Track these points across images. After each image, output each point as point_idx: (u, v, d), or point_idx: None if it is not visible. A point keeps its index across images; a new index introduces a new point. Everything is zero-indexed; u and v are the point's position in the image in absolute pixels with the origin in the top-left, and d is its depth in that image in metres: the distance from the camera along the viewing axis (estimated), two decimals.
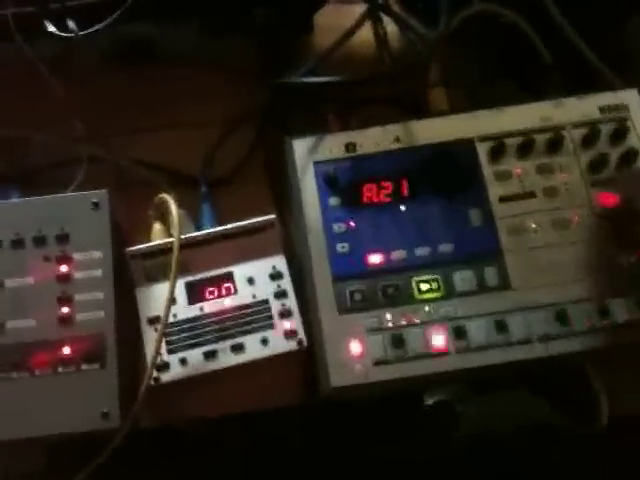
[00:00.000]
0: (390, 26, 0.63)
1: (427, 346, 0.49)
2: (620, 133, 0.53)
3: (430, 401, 0.53)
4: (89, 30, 0.53)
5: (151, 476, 0.56)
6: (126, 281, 0.52)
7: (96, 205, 0.51)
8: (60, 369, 0.48)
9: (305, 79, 0.54)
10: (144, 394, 0.48)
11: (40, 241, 0.50)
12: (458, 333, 0.50)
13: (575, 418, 0.53)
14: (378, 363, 0.49)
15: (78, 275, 0.50)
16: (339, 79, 0.53)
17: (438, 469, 0.58)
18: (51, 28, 0.54)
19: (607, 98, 0.55)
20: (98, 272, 0.50)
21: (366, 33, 0.60)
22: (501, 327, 0.50)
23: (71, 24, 0.54)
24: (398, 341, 0.49)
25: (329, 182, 0.53)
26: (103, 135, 0.58)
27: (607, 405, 0.53)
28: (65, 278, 0.49)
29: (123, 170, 0.57)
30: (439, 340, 0.50)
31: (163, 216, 0.55)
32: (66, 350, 0.48)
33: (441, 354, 0.49)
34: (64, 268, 0.50)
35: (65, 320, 0.49)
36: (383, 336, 0.50)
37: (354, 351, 0.49)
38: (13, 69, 0.57)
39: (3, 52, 0.58)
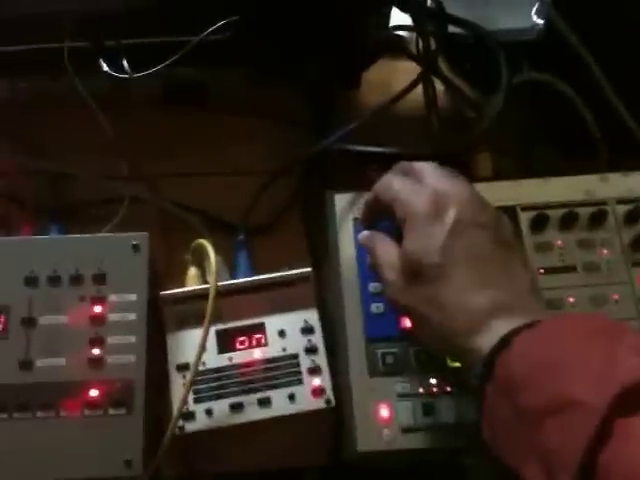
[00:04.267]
0: (437, 85, 0.63)
1: (458, 416, 0.48)
2: None
3: None
4: (144, 72, 0.53)
5: None
6: (158, 325, 0.52)
7: (136, 247, 0.51)
8: (87, 412, 0.47)
9: (351, 147, 0.54)
10: (168, 443, 0.47)
11: (77, 280, 0.50)
12: None
13: None
14: (406, 430, 0.48)
15: (112, 317, 0.49)
16: (386, 151, 0.53)
17: None
18: (105, 67, 0.54)
19: None
20: (132, 316, 0.49)
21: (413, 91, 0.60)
22: None
23: (125, 64, 0.54)
24: (428, 409, 0.48)
25: None
26: (147, 176, 0.58)
27: None
28: (99, 319, 0.49)
29: (163, 212, 0.57)
30: (472, 410, 0.48)
31: (199, 261, 0.55)
32: (94, 393, 0.47)
33: (472, 425, 0.48)
34: (98, 309, 0.49)
35: (95, 362, 0.48)
36: (413, 403, 0.49)
37: (382, 416, 0.48)
38: (64, 103, 0.58)
39: (56, 86, 0.59)
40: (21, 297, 0.49)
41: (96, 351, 0.48)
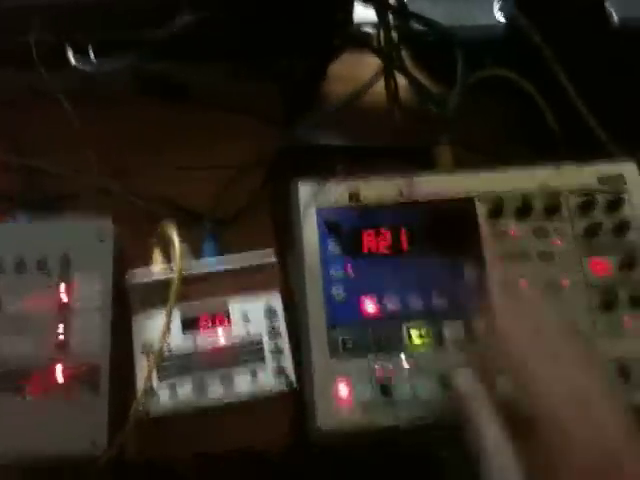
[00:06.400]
0: (401, 79, 0.64)
1: (415, 395, 0.50)
2: (615, 204, 0.55)
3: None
4: (108, 67, 0.54)
5: None
6: (124, 309, 0.53)
7: (101, 234, 0.52)
8: (52, 394, 0.48)
9: (314, 143, 0.56)
10: (132, 423, 0.48)
11: (43, 266, 0.51)
12: (446, 383, 0.50)
13: None
14: (365, 408, 0.50)
15: (77, 303, 0.50)
16: (349, 145, 0.55)
17: None
18: (72, 60, 0.55)
19: (606, 168, 0.57)
20: (97, 301, 0.50)
21: (377, 84, 0.61)
22: None
23: (92, 58, 0.55)
24: (386, 388, 0.50)
25: (330, 229, 0.55)
26: (116, 168, 0.59)
27: None
28: (64, 305, 0.50)
29: (132, 203, 0.58)
30: (427, 389, 0.50)
31: (164, 244, 0.55)
32: (59, 376, 0.48)
33: (428, 402, 0.50)
34: (64, 295, 0.50)
35: (61, 346, 0.49)
36: (372, 382, 0.51)
37: (342, 395, 0.50)
38: (33, 96, 0.58)
39: (25, 79, 0.59)
40: None
41: (61, 336, 0.49)
